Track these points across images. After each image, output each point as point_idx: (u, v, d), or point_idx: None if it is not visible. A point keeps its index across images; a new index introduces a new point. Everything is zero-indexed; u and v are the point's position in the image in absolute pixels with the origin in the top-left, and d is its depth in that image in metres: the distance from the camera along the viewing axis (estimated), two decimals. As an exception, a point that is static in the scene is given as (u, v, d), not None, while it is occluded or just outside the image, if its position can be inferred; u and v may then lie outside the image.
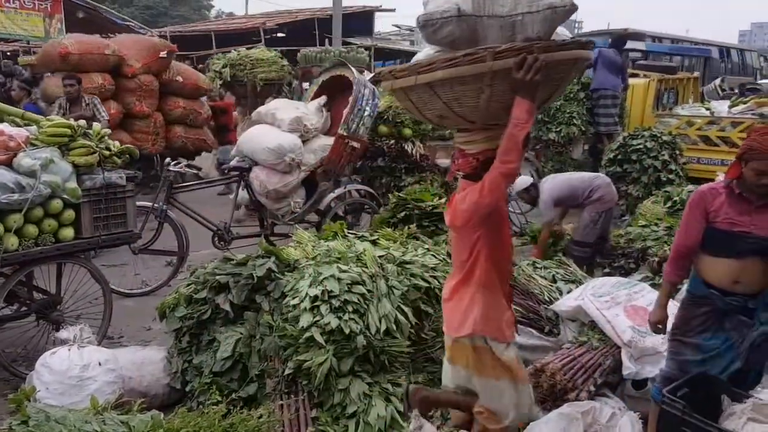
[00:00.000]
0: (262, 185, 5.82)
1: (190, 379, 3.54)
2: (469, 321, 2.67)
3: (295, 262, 3.77)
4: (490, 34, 2.33)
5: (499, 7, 2.28)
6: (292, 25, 23.07)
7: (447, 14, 2.25)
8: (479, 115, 2.43)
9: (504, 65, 2.20)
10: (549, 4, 2.28)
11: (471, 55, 2.21)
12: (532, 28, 2.30)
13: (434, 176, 6.89)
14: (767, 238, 2.73)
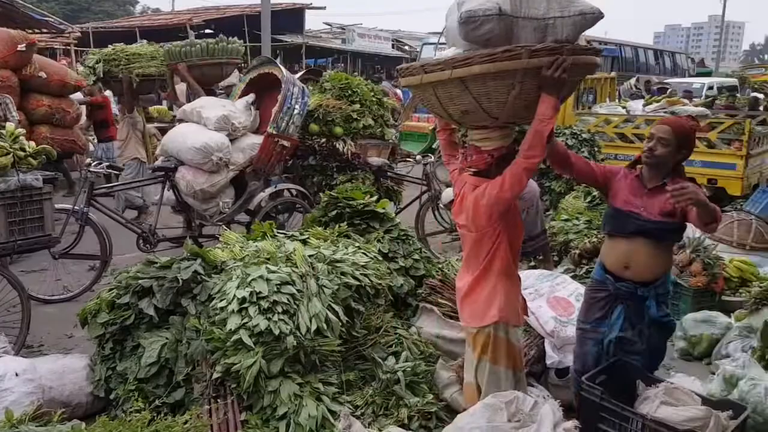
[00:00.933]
0: (188, 185, 5.68)
1: (114, 387, 3.44)
2: (494, 309, 2.81)
3: (222, 263, 3.70)
4: (524, 34, 2.50)
5: (534, 10, 2.46)
6: (220, 21, 22.61)
7: (489, 12, 2.40)
8: (503, 112, 2.58)
9: (538, 63, 2.39)
10: (579, 11, 2.49)
11: (509, 51, 2.38)
12: (562, 31, 2.49)
13: (366, 174, 6.90)
14: (653, 220, 2.91)
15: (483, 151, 2.77)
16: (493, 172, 2.77)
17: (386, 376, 3.39)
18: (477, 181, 2.82)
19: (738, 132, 7.55)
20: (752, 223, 5.76)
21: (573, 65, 2.47)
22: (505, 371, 2.86)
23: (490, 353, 2.84)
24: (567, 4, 2.50)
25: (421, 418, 3.24)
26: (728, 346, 3.97)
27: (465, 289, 2.94)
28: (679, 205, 2.72)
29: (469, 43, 2.58)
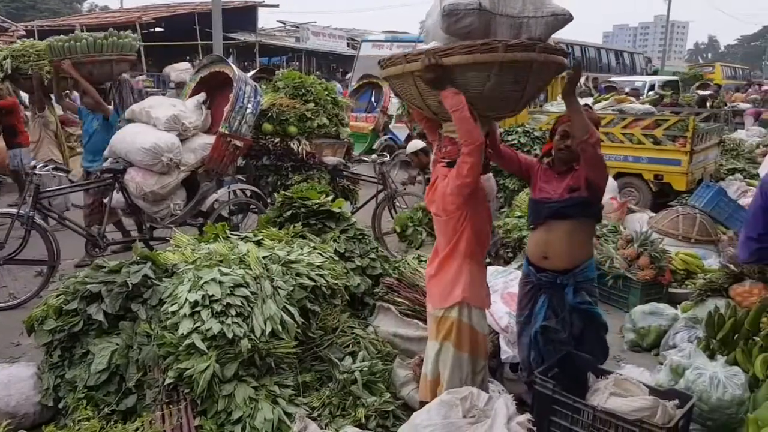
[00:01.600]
0: (138, 187, 5.55)
1: (63, 396, 3.34)
2: (458, 290, 2.92)
3: (173, 266, 3.63)
4: (500, 30, 2.67)
5: (510, 8, 2.64)
6: (170, 19, 22.22)
7: (470, 7, 2.57)
8: (480, 102, 2.72)
9: (512, 57, 2.55)
10: (552, 12, 2.68)
11: (487, 44, 2.54)
12: (535, 29, 2.67)
13: (321, 174, 6.87)
14: (561, 199, 3.08)
15: (457, 142, 2.84)
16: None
17: (343, 376, 3.38)
18: (448, 171, 2.93)
19: (683, 129, 7.81)
20: (696, 217, 5.96)
21: (544, 64, 2.66)
22: (468, 357, 2.93)
23: (453, 338, 2.92)
24: (540, 5, 2.68)
25: (378, 417, 3.24)
26: (675, 337, 4.09)
27: (432, 271, 3.06)
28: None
29: (449, 37, 2.72)
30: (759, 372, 3.45)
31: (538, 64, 2.65)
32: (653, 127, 7.96)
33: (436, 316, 3.01)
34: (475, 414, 2.52)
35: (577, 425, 2.73)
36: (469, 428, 2.44)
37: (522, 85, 2.71)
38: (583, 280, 3.17)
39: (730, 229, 6.14)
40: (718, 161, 9.35)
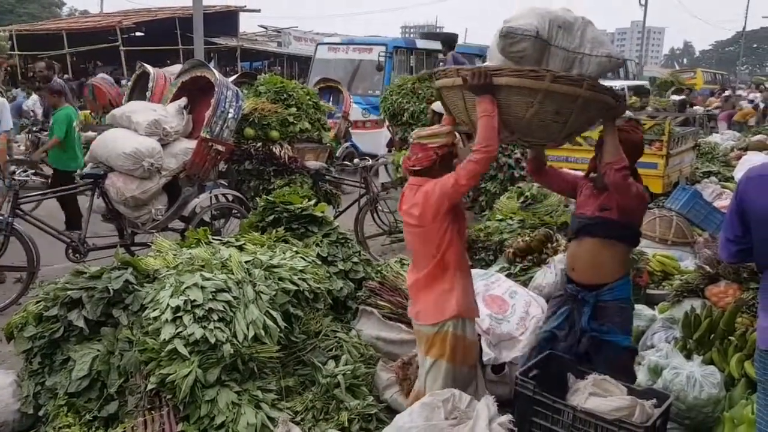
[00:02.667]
0: (119, 192, 5.51)
1: (43, 403, 3.31)
2: (452, 304, 2.87)
3: (155, 272, 3.62)
4: (554, 62, 2.72)
5: (567, 42, 2.69)
6: (151, 24, 22.08)
7: (528, 33, 2.61)
8: (519, 127, 2.77)
9: (557, 88, 2.57)
10: (607, 53, 2.72)
11: (535, 71, 2.58)
12: (588, 67, 2.71)
13: (304, 178, 6.87)
14: (592, 216, 3.08)
15: (429, 148, 2.87)
16: (435, 170, 2.89)
17: (326, 380, 3.39)
18: (418, 180, 2.92)
19: (659, 133, 7.93)
20: (673, 219, 6.05)
21: (589, 100, 2.67)
22: (461, 368, 2.92)
23: (448, 353, 2.87)
24: (597, 45, 2.72)
25: (361, 421, 3.26)
26: (653, 338, 4.15)
27: (418, 286, 2.99)
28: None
29: (504, 59, 2.77)
30: (734, 371, 3.53)
31: (584, 100, 2.66)
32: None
33: (427, 333, 2.93)
34: (457, 416, 2.55)
35: (558, 425, 2.77)
36: (451, 430, 2.47)
37: (564, 117, 2.71)
38: (610, 299, 3.11)
39: (705, 231, 6.24)
40: (693, 164, 9.51)
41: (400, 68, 13.62)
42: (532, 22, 2.65)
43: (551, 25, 2.67)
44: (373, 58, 13.26)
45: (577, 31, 2.73)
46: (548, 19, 2.68)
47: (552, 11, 2.74)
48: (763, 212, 2.39)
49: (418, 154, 2.92)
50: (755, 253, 2.49)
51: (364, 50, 13.81)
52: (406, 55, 14.02)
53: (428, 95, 8.97)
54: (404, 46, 14.25)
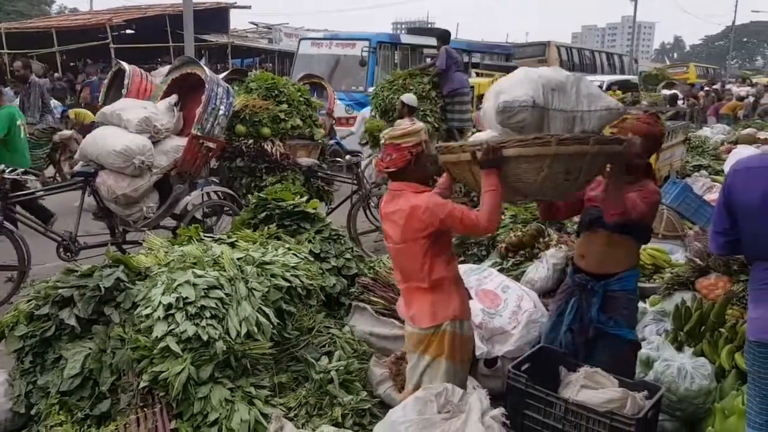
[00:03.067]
0: (110, 190, 5.49)
1: (35, 402, 3.29)
2: (448, 308, 2.84)
3: (146, 269, 3.61)
4: (554, 124, 2.73)
5: (564, 104, 2.72)
6: (141, 21, 21.94)
7: (525, 104, 2.66)
8: (532, 191, 2.80)
9: (565, 150, 2.59)
10: (606, 106, 2.75)
11: (540, 138, 2.60)
12: (589, 123, 2.74)
13: (296, 175, 6.86)
14: (600, 208, 3.05)
15: (403, 148, 2.82)
16: (410, 171, 2.84)
17: (319, 376, 3.39)
18: (398, 186, 2.87)
19: (649, 127, 7.95)
20: (664, 212, 6.07)
21: (597, 154, 2.69)
22: (460, 365, 2.90)
23: (447, 351, 2.84)
24: (595, 100, 2.75)
25: (355, 416, 3.26)
26: (644, 330, 4.18)
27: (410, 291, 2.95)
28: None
29: (504, 128, 2.79)
30: (725, 363, 3.55)
31: (592, 156, 2.68)
32: (621, 126, 8.09)
33: (423, 334, 2.89)
34: (450, 409, 2.56)
35: (550, 418, 2.79)
36: (443, 423, 2.47)
37: (575, 174, 2.72)
38: (618, 289, 3.12)
39: (696, 224, 6.28)
40: (684, 158, 9.56)
41: (384, 64, 13.44)
42: (527, 92, 2.69)
43: (545, 90, 2.71)
44: (356, 53, 13.04)
45: (571, 90, 2.75)
46: (541, 84, 2.71)
47: (543, 74, 2.78)
48: (750, 204, 2.41)
49: (392, 155, 2.85)
50: (743, 245, 2.51)
51: (348, 45, 13.58)
52: (390, 51, 13.82)
53: (420, 91, 8.98)
54: (388, 41, 13.97)
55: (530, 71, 2.85)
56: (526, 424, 2.87)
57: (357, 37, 13.75)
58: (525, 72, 2.86)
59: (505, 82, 2.87)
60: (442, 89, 9.15)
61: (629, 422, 2.60)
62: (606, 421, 2.64)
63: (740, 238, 2.50)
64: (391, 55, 13.79)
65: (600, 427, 2.66)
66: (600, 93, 2.82)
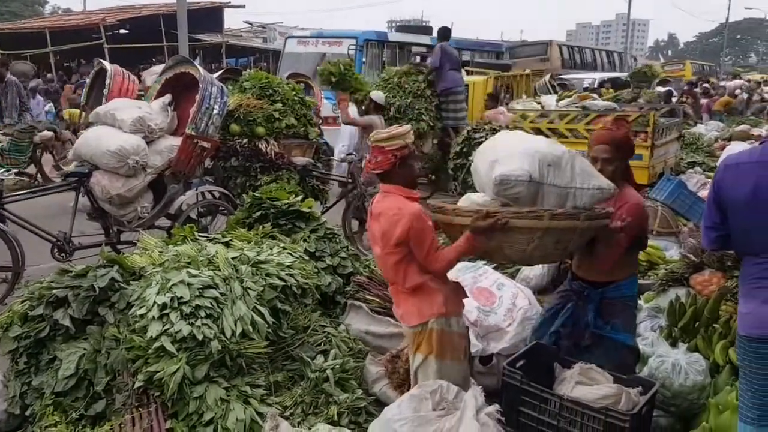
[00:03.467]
0: (104, 191, 5.47)
1: (30, 403, 3.29)
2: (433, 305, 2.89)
3: (141, 269, 3.60)
4: (548, 198, 2.82)
5: (559, 180, 2.81)
6: (135, 21, 21.87)
7: (521, 178, 2.75)
8: (521, 258, 2.94)
9: (557, 225, 2.71)
10: (598, 186, 2.86)
11: (533, 212, 2.71)
12: (581, 199, 2.84)
13: (291, 174, 6.85)
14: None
15: (387, 150, 2.85)
16: (395, 173, 2.89)
17: (315, 374, 3.39)
18: (387, 188, 2.93)
19: (643, 124, 7.99)
20: (658, 209, 6.10)
21: (587, 229, 2.82)
22: (450, 363, 2.91)
23: (436, 349, 2.87)
24: (588, 178, 2.85)
25: (350, 414, 3.27)
26: (639, 326, 4.19)
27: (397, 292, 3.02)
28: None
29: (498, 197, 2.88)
30: (719, 358, 3.57)
31: (581, 230, 2.79)
32: (616, 123, 8.11)
33: (412, 332, 2.95)
34: (445, 406, 2.56)
35: (545, 414, 2.80)
36: (438, 420, 2.48)
37: (564, 245, 2.83)
38: (617, 296, 3.17)
39: (690, 221, 6.30)
40: (678, 155, 9.59)
41: (372, 62, 13.27)
42: (523, 166, 2.76)
43: (541, 164, 2.78)
44: (343, 51, 12.64)
45: (566, 166, 2.82)
46: (537, 158, 2.78)
47: (539, 149, 2.84)
48: (740, 199, 2.42)
49: (377, 158, 2.91)
50: (733, 240, 2.52)
51: (334, 43, 13.28)
52: (378, 49, 13.54)
53: (414, 89, 8.98)
54: (376, 39, 13.63)
55: (527, 143, 2.92)
56: (522, 420, 2.88)
57: (344, 35, 13.48)
58: (521, 142, 2.93)
59: (501, 149, 2.92)
60: (436, 87, 9.16)
61: (624, 418, 2.61)
62: (601, 417, 2.65)
63: (730, 234, 2.51)
64: (379, 53, 13.55)
65: (595, 423, 2.67)
66: (593, 171, 2.92)
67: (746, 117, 15.04)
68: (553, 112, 8.64)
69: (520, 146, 2.88)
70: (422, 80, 9.10)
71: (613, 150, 3.11)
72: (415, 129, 8.83)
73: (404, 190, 2.92)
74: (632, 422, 2.61)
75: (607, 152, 3.11)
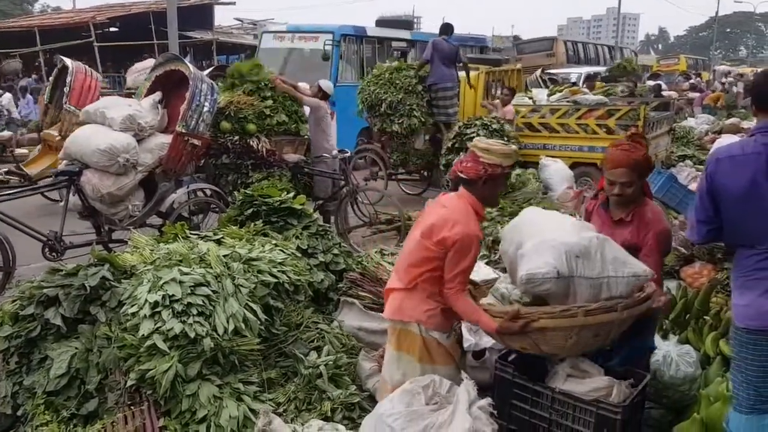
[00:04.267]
0: (94, 189, 5.45)
1: (22, 403, 3.26)
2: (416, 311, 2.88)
3: (132, 268, 3.59)
4: (580, 291, 2.65)
5: (589, 271, 2.64)
6: (125, 19, 21.76)
7: (548, 275, 2.59)
8: (558, 352, 2.79)
9: (593, 321, 2.58)
10: (633, 272, 2.69)
11: (567, 310, 2.58)
12: (616, 289, 2.67)
13: (282, 172, 6.84)
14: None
15: (481, 162, 2.78)
16: (479, 186, 2.82)
17: (308, 371, 3.40)
18: (464, 193, 2.86)
19: (634, 118, 8.02)
20: (649, 203, 6.12)
21: (627, 318, 2.67)
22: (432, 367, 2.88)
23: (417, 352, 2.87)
24: (621, 266, 2.68)
25: (344, 410, 3.27)
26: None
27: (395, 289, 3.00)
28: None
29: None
30: (710, 350, 3.60)
31: (621, 320, 2.66)
32: (606, 117, 8.16)
33: (394, 327, 2.98)
34: (438, 401, 2.57)
35: (537, 407, 2.81)
36: (431, 415, 2.49)
37: (604, 336, 2.71)
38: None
39: (681, 214, 6.34)
40: (669, 148, 9.63)
41: (349, 58, 12.76)
42: (549, 261, 2.61)
43: (568, 257, 2.63)
44: (319, 46, 12.04)
45: (595, 255, 2.67)
46: (564, 251, 2.63)
47: (565, 241, 2.67)
48: (735, 192, 2.43)
49: (468, 163, 2.84)
50: (725, 232, 2.54)
51: (311, 38, 12.67)
52: (356, 44, 12.97)
53: (406, 84, 8.97)
54: (353, 34, 12.92)
55: (552, 232, 2.73)
56: (514, 413, 2.89)
57: (320, 29, 12.77)
58: (546, 230, 2.76)
59: (527, 240, 2.76)
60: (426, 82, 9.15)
61: (615, 410, 2.62)
62: (592, 410, 2.66)
63: (722, 226, 2.52)
64: (358, 48, 12.98)
65: (586, 416, 2.68)
66: (626, 257, 2.73)
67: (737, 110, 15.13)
68: (545, 106, 8.65)
69: (544, 235, 2.72)
70: (413, 75, 9.08)
71: (634, 173, 2.92)
72: (406, 125, 8.86)
73: (477, 204, 2.85)
74: (623, 414, 2.62)
75: (627, 176, 2.91)
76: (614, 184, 2.94)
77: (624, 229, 3.00)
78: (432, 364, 2.88)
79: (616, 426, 2.62)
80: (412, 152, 9.35)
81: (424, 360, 2.88)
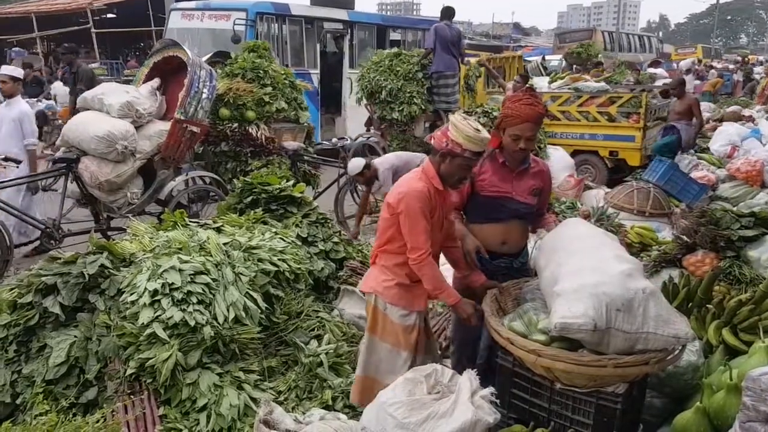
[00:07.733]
0: (93, 177, 5.41)
1: (20, 391, 3.24)
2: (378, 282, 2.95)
3: (131, 256, 3.56)
4: (614, 342, 2.52)
5: (628, 325, 2.50)
6: (123, 5, 21.57)
7: (584, 328, 2.44)
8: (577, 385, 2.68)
9: (622, 372, 2.49)
10: (674, 334, 2.53)
11: (596, 361, 2.48)
12: (653, 344, 2.53)
13: (282, 159, 6.81)
14: (525, 203, 3.13)
15: (449, 137, 2.76)
16: (439, 159, 2.81)
17: (309, 359, 3.38)
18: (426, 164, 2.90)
19: (636, 105, 7.97)
20: (650, 191, 6.10)
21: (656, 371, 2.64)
22: (381, 343, 2.94)
23: (370, 323, 2.98)
24: (663, 325, 2.52)
25: (345, 398, 3.26)
26: (632, 308, 4.20)
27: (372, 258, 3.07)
28: None
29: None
30: (712, 338, 3.57)
31: (648, 372, 2.60)
32: (608, 105, 8.11)
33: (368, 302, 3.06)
34: (440, 390, 2.55)
35: (537, 397, 2.80)
36: (434, 404, 2.47)
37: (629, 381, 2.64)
38: (525, 260, 3.30)
39: (682, 202, 6.32)
40: (671, 136, 9.59)
41: (268, 40, 10.02)
42: (588, 313, 2.43)
43: (608, 309, 2.47)
44: (230, 26, 10.48)
45: (638, 309, 2.50)
46: (605, 303, 2.46)
47: (608, 291, 2.49)
48: None
49: (439, 132, 2.85)
50: None
51: (222, 17, 11.08)
52: (277, 24, 11.24)
53: (406, 72, 8.90)
54: (273, 13, 11.11)
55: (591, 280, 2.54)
56: (515, 403, 2.88)
57: (232, 7, 11.12)
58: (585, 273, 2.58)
59: (566, 277, 2.60)
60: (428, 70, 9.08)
61: (615, 399, 2.61)
62: (592, 400, 2.65)
63: None
64: (279, 29, 11.24)
65: (586, 406, 2.66)
66: (669, 316, 2.57)
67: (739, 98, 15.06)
68: (546, 94, 8.60)
69: (584, 276, 2.56)
70: (415, 63, 9.02)
71: (537, 126, 3.07)
72: (407, 113, 8.80)
73: (435, 177, 2.83)
74: (623, 403, 2.61)
75: (532, 130, 3.04)
76: (520, 138, 3.02)
77: (527, 178, 3.17)
78: (375, 335, 2.96)
79: (616, 415, 2.61)
80: (412, 140, 9.30)
81: (372, 330, 2.97)
